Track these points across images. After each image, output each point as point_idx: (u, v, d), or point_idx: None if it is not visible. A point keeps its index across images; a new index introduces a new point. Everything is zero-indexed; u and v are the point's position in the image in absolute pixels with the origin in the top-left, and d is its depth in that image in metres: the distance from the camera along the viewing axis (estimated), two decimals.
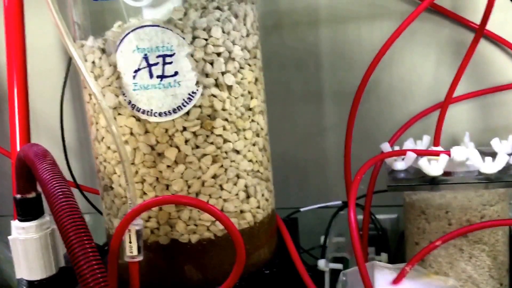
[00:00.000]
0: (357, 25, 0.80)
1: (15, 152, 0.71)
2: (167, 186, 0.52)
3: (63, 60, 0.88)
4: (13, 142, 0.71)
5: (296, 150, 0.83)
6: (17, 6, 0.71)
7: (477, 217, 0.61)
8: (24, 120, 0.72)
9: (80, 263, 0.41)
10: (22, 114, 0.72)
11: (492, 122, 0.79)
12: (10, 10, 0.71)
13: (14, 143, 0.71)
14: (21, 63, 0.72)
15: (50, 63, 0.88)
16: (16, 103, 0.72)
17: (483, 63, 0.77)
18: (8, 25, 0.72)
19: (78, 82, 0.87)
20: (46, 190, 0.45)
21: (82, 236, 0.42)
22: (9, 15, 0.71)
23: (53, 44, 0.88)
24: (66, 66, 0.87)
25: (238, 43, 0.53)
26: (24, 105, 0.72)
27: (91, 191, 0.81)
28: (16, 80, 0.72)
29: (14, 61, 0.72)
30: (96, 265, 0.40)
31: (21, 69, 0.72)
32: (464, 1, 0.76)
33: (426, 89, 0.79)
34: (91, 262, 0.41)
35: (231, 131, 0.53)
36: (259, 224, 0.57)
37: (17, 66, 0.72)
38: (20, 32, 0.72)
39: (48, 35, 0.86)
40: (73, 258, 0.41)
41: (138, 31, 0.49)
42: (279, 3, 0.80)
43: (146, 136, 0.52)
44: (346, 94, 0.80)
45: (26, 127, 0.72)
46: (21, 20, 0.72)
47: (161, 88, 0.50)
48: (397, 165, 0.64)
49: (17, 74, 0.72)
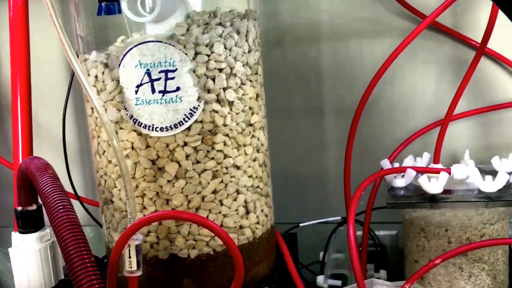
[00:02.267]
0: (359, 41, 0.80)
1: (18, 163, 0.72)
2: (167, 200, 0.53)
3: (65, 72, 0.89)
4: (15, 153, 0.71)
5: (296, 165, 0.84)
6: (22, 18, 0.71)
7: (477, 236, 0.61)
8: (27, 132, 0.72)
9: (79, 278, 0.41)
10: (25, 125, 0.72)
11: (492, 140, 0.79)
12: (15, 22, 0.72)
13: (16, 154, 0.71)
14: (25, 75, 0.72)
15: (53, 75, 0.88)
16: (19, 115, 0.72)
17: (484, 80, 0.77)
18: (13, 37, 0.72)
19: (80, 95, 0.87)
20: (46, 203, 0.45)
21: (82, 250, 0.42)
22: (14, 28, 0.72)
23: (56, 57, 0.88)
24: (69, 79, 0.88)
25: (240, 59, 0.53)
26: (27, 116, 0.72)
27: (91, 203, 0.81)
28: (19, 91, 0.72)
29: (18, 72, 0.72)
30: (95, 280, 0.40)
31: (25, 80, 0.72)
32: (465, 19, 0.76)
33: (427, 106, 0.79)
34: (90, 277, 0.41)
35: (231, 146, 0.53)
36: (258, 240, 0.57)
37: (21, 78, 0.72)
38: (24, 44, 0.72)
39: (51, 48, 0.87)
40: (72, 273, 0.41)
41: (141, 46, 0.50)
42: (282, 18, 0.81)
43: (147, 151, 0.52)
44: (346, 109, 0.80)
45: (29, 139, 0.72)
46: (26, 33, 0.72)
47: (163, 103, 0.50)
48: (397, 182, 0.65)
49: (21, 86, 0.72)
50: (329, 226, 0.76)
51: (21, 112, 0.72)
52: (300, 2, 0.80)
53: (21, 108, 0.72)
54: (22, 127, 0.72)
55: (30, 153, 0.72)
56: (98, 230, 0.74)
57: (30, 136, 0.72)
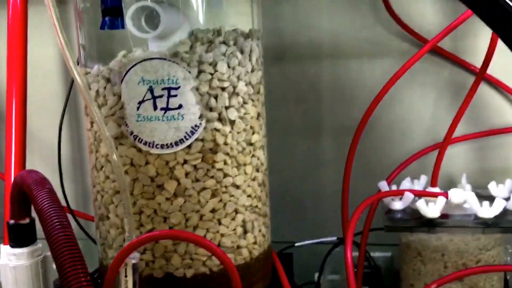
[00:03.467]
0: (359, 61, 0.80)
1: (10, 173, 0.71)
2: (164, 218, 0.52)
3: (60, 81, 0.88)
4: (8, 164, 0.71)
5: (292, 183, 0.83)
6: (20, 26, 0.71)
7: (473, 261, 0.61)
8: (20, 142, 0.71)
9: None
10: (18, 135, 0.71)
11: (488, 164, 0.79)
12: (14, 29, 0.71)
13: (9, 165, 0.71)
14: (21, 84, 0.72)
15: (47, 84, 0.88)
16: (13, 124, 0.71)
17: (481, 105, 0.77)
18: (11, 45, 0.72)
19: (75, 106, 0.87)
20: (43, 218, 0.45)
21: (78, 269, 0.41)
22: (12, 35, 0.71)
23: (51, 66, 0.88)
24: (63, 88, 0.88)
25: (243, 78, 0.53)
26: (21, 127, 0.72)
27: (82, 216, 0.80)
28: (15, 101, 0.71)
29: (14, 81, 0.72)
30: None
31: (21, 90, 0.72)
32: (464, 44, 0.77)
33: (425, 128, 0.80)
34: None
35: (231, 165, 0.53)
36: (255, 260, 0.56)
37: (17, 87, 0.72)
38: (22, 53, 0.72)
39: (47, 57, 0.87)
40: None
41: (145, 63, 0.49)
42: (283, 36, 0.81)
43: (146, 168, 0.51)
44: (345, 129, 0.80)
45: (22, 149, 0.71)
46: (24, 40, 0.71)
47: (164, 121, 0.50)
48: (394, 205, 0.64)
49: (16, 95, 0.72)
50: (324, 246, 0.76)
51: (15, 122, 0.71)
52: (302, 21, 0.80)
53: (16, 118, 0.71)
54: (16, 137, 0.71)
55: (23, 163, 0.71)
56: (89, 243, 0.74)
57: (23, 146, 0.71)
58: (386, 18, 0.76)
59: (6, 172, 0.70)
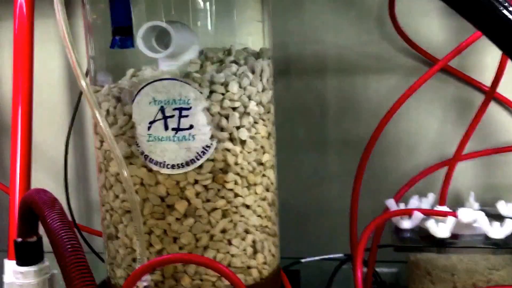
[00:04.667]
0: (365, 76, 0.80)
1: (14, 188, 0.71)
2: (174, 239, 0.52)
3: (64, 96, 0.88)
4: (12, 178, 0.70)
5: (297, 198, 0.83)
6: (27, 38, 0.71)
7: (483, 282, 0.61)
8: (25, 156, 0.71)
9: None
10: (24, 149, 0.71)
11: (495, 181, 0.79)
12: (20, 41, 0.71)
13: (13, 179, 0.70)
14: (27, 98, 0.72)
15: (52, 98, 0.88)
16: (19, 138, 0.71)
17: (489, 122, 0.77)
18: (17, 58, 0.71)
19: (80, 120, 0.87)
20: (54, 240, 0.44)
21: None
22: (18, 46, 0.71)
23: (56, 80, 0.88)
24: (70, 104, 0.88)
25: (254, 98, 0.53)
26: (26, 140, 0.71)
27: (86, 230, 0.80)
28: (20, 114, 0.71)
29: (20, 95, 0.71)
30: None
31: (27, 103, 0.72)
32: (470, 61, 0.76)
33: (431, 145, 0.79)
34: None
35: (242, 185, 0.53)
36: (265, 280, 0.56)
37: (23, 100, 0.72)
38: (28, 65, 0.72)
39: (51, 72, 0.87)
40: None
41: (156, 83, 0.49)
42: (288, 49, 0.81)
43: (156, 188, 0.51)
44: (350, 144, 0.80)
45: (27, 163, 0.71)
46: (30, 52, 0.71)
47: (175, 141, 0.50)
48: (403, 223, 0.64)
49: (22, 108, 0.72)
50: (331, 262, 0.75)
51: (21, 135, 0.71)
52: (308, 35, 0.80)
53: (21, 131, 0.71)
54: (21, 150, 0.71)
55: (28, 177, 0.71)
56: (92, 257, 0.73)
57: (29, 160, 0.71)
58: (393, 34, 0.76)
59: (11, 186, 0.70)
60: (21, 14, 0.71)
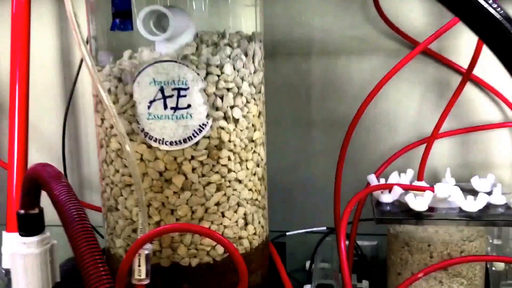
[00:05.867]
0: (348, 58, 0.84)
1: (12, 164, 0.73)
2: (172, 211, 0.55)
3: (56, 74, 0.90)
4: (10, 154, 0.72)
5: (283, 175, 0.86)
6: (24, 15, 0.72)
7: (457, 252, 0.65)
8: (22, 133, 0.73)
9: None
10: (21, 127, 0.73)
11: (471, 158, 0.83)
12: (18, 19, 0.72)
13: (11, 155, 0.72)
14: (24, 73, 0.73)
15: (44, 77, 0.90)
16: (16, 116, 0.73)
17: (465, 102, 0.81)
18: (14, 34, 0.73)
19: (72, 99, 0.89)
20: (62, 211, 0.47)
21: (97, 259, 0.44)
22: (16, 25, 0.72)
23: (48, 59, 0.90)
24: (63, 82, 0.90)
25: (247, 80, 0.56)
26: (24, 118, 0.73)
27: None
28: (18, 93, 0.73)
29: (18, 70, 0.73)
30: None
31: (24, 79, 0.73)
32: (448, 44, 0.80)
33: (410, 124, 0.83)
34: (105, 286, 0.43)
35: (235, 161, 0.56)
36: (255, 250, 0.60)
37: (20, 76, 0.73)
38: (25, 43, 0.73)
39: (43, 51, 0.88)
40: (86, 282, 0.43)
41: (157, 65, 0.52)
42: (276, 33, 0.83)
43: (155, 163, 0.54)
44: (334, 123, 0.84)
45: (25, 140, 0.73)
46: (27, 30, 0.73)
47: (174, 119, 0.53)
48: (383, 198, 0.68)
49: (20, 85, 0.73)
50: (314, 235, 0.79)
51: (18, 113, 0.73)
52: (295, 19, 0.83)
53: (19, 109, 0.73)
54: (19, 128, 0.73)
55: (25, 154, 0.73)
56: None
57: (26, 137, 0.73)
58: (375, 17, 0.80)
59: (9, 162, 0.72)
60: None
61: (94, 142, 0.89)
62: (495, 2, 0.38)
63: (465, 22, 0.42)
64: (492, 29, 0.40)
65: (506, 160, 0.83)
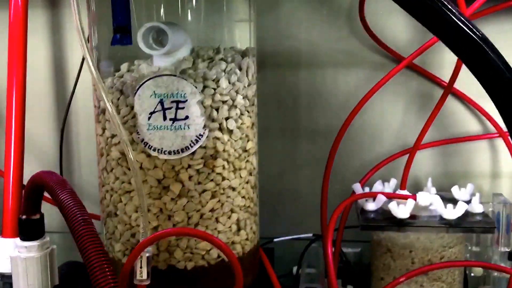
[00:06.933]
0: (334, 71, 0.87)
1: (8, 171, 0.74)
2: (169, 216, 0.58)
3: (49, 84, 0.91)
4: (7, 162, 0.74)
5: (270, 183, 0.89)
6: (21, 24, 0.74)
7: (438, 258, 0.69)
8: (19, 141, 0.75)
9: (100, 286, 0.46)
10: (17, 135, 0.75)
11: (451, 168, 0.86)
12: (15, 27, 0.74)
13: (8, 163, 0.74)
14: (21, 85, 0.76)
15: (37, 86, 0.91)
16: (13, 124, 0.75)
17: (446, 114, 0.85)
18: (12, 47, 0.75)
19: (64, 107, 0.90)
20: (68, 216, 0.50)
21: (103, 261, 0.47)
22: (13, 32, 0.75)
23: (41, 69, 0.91)
24: (55, 92, 0.92)
25: (241, 93, 0.59)
26: (20, 126, 0.75)
27: None
28: (14, 101, 0.75)
29: (15, 77, 0.75)
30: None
31: (20, 90, 0.76)
32: (431, 58, 0.84)
33: (394, 135, 0.87)
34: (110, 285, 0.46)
35: (229, 170, 0.59)
36: (247, 254, 0.63)
37: (17, 84, 0.75)
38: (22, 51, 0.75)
39: (37, 60, 0.90)
40: (93, 281, 0.46)
41: (157, 79, 0.55)
42: (264, 44, 0.86)
43: (154, 171, 0.57)
44: (320, 133, 0.87)
45: (21, 148, 0.75)
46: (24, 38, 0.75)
47: (172, 130, 0.56)
48: (368, 205, 0.71)
49: (16, 96, 0.75)
50: (301, 242, 0.82)
51: (15, 121, 0.75)
52: (283, 32, 0.86)
53: (15, 117, 0.75)
54: (15, 136, 0.75)
55: (21, 162, 0.75)
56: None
57: (22, 145, 0.75)
58: (361, 31, 0.83)
59: (6, 169, 0.74)
60: (16, 4, 0.75)
61: (85, 151, 0.92)
62: (471, 22, 0.42)
63: (445, 42, 0.46)
64: (469, 49, 0.44)
65: (485, 170, 0.86)
